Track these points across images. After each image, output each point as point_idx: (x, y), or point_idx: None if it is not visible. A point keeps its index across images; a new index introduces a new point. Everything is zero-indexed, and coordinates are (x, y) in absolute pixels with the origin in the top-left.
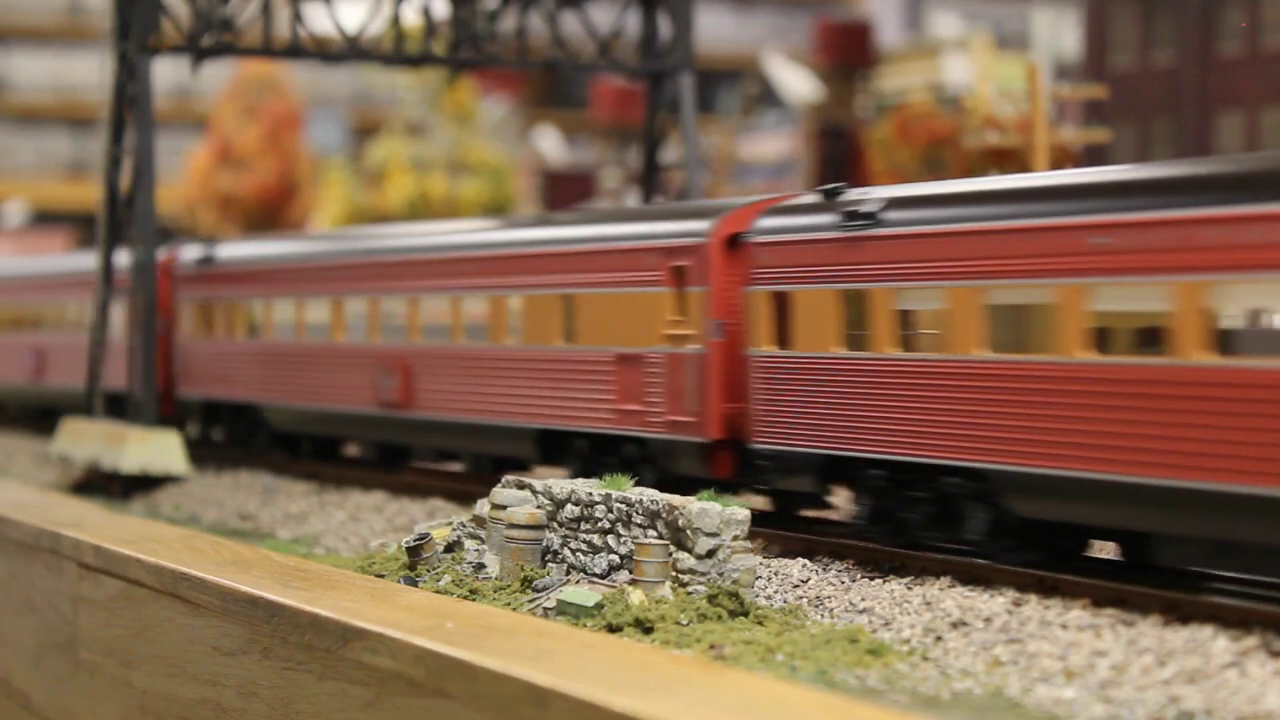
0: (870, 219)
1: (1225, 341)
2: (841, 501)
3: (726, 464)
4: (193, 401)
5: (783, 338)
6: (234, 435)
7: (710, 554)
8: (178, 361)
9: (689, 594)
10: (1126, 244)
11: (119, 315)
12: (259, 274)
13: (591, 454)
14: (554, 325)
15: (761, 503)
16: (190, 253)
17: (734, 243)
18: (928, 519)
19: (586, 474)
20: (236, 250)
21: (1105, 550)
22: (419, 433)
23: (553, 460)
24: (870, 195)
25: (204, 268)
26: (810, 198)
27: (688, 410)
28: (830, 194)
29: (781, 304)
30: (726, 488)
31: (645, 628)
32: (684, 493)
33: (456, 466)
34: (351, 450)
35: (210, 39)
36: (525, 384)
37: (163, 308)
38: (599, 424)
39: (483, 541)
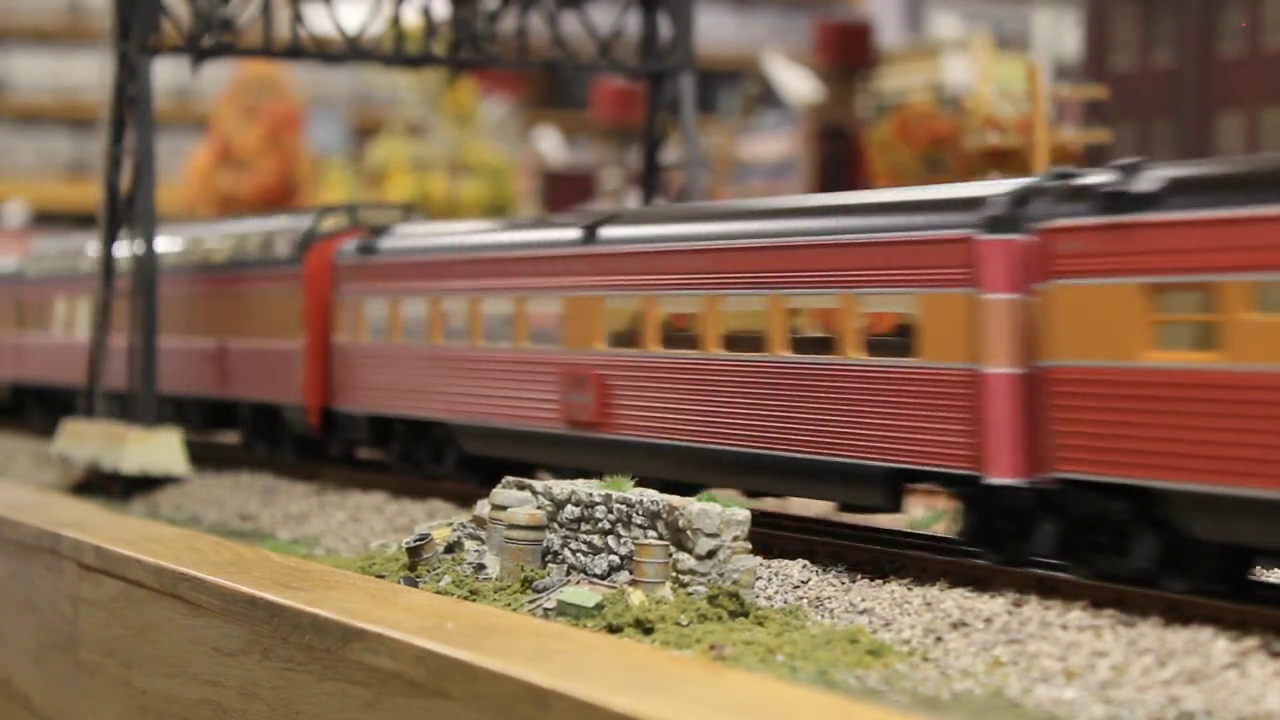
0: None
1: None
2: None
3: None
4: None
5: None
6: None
7: (710, 554)
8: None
9: (689, 594)
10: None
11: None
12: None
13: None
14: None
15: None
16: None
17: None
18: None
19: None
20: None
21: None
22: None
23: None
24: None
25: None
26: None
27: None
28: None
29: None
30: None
31: (645, 628)
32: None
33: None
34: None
35: (210, 39)
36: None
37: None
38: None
39: (483, 542)
